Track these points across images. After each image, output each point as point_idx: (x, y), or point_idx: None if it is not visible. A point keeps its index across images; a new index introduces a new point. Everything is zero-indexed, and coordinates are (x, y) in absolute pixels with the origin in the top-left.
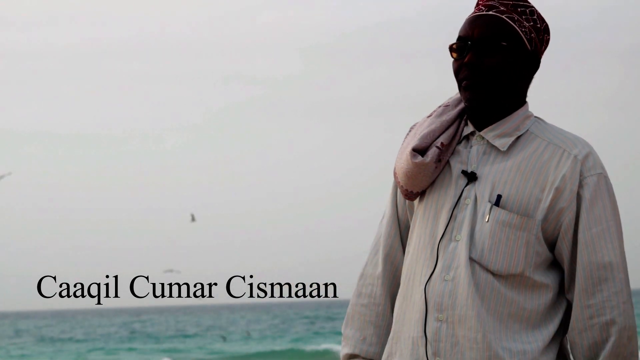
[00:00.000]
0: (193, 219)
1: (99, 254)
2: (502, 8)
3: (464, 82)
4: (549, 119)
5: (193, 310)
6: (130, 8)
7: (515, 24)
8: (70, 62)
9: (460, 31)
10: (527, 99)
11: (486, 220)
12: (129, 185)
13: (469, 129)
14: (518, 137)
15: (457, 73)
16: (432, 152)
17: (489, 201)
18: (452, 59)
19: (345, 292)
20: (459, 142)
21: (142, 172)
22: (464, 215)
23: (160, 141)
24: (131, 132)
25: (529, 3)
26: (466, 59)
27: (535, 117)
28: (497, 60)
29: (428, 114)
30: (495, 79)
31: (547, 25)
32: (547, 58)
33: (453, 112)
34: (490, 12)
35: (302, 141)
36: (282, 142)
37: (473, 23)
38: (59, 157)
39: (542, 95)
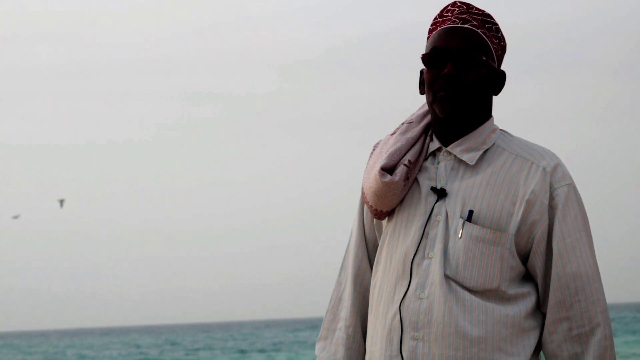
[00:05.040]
0: (62, 205)
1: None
2: (475, 22)
3: (441, 94)
4: (540, 132)
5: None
6: (105, 27)
7: (488, 40)
8: (45, 81)
9: (436, 41)
10: (493, 113)
11: (459, 236)
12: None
13: (435, 144)
14: (485, 151)
15: (432, 84)
16: (400, 170)
17: (461, 217)
18: (425, 69)
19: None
20: (426, 159)
21: (107, 183)
22: (436, 232)
23: (134, 153)
24: (109, 145)
25: (494, 20)
26: (446, 70)
27: (501, 129)
28: (477, 74)
29: (391, 131)
30: (473, 93)
31: (506, 44)
32: (542, 71)
33: (417, 129)
34: (467, 26)
35: (277, 156)
36: (256, 157)
37: (451, 34)
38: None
39: (535, 107)
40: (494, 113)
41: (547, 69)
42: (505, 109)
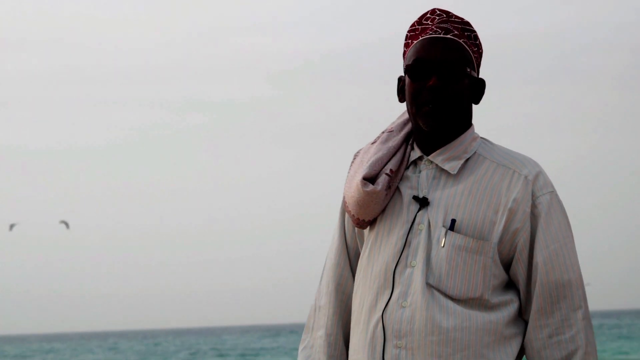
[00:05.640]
0: (11, 228)
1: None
2: (456, 32)
3: (426, 108)
4: (539, 140)
5: None
6: (96, 34)
7: (469, 50)
8: (38, 86)
9: (419, 52)
10: (473, 121)
11: (442, 245)
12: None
13: (416, 153)
14: (467, 160)
15: (416, 96)
16: (382, 180)
17: (444, 226)
18: (408, 80)
19: None
20: (407, 168)
21: (96, 189)
22: (418, 241)
23: (121, 160)
24: (95, 150)
25: (473, 27)
26: (431, 83)
27: (482, 138)
28: (462, 86)
29: (372, 140)
30: (458, 105)
31: (483, 49)
32: (542, 79)
33: (398, 137)
34: (449, 36)
35: (268, 163)
36: (248, 165)
37: (434, 45)
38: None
39: (534, 116)
40: (486, 121)
41: (546, 78)
42: (505, 117)
